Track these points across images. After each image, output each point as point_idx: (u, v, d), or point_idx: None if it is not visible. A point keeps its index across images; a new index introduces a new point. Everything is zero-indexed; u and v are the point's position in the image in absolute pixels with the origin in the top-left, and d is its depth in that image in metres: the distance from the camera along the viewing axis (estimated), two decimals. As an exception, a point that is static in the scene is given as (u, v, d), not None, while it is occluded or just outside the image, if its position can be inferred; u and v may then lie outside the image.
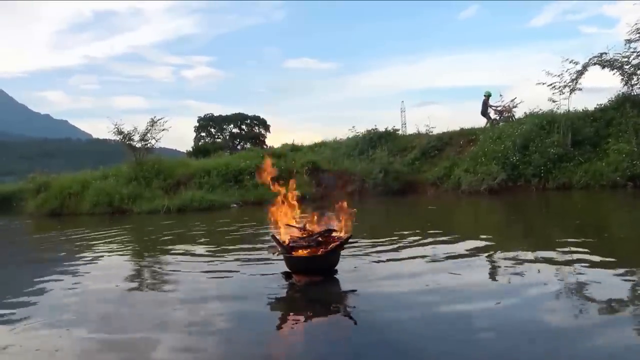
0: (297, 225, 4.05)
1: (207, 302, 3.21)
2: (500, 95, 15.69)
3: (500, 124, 14.98)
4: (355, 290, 3.25)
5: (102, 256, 5.58)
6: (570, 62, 12.62)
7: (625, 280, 3.18)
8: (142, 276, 4.46)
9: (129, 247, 6.56)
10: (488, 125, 15.35)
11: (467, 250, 4.45)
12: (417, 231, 6.01)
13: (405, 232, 5.86)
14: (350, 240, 3.76)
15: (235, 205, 13.24)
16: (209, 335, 2.52)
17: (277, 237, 3.77)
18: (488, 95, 15.42)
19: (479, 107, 15.77)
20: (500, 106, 15.36)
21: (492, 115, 15.50)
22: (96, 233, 8.57)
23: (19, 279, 4.73)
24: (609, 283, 3.06)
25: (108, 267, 4.90)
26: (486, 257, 4.35)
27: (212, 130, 43.65)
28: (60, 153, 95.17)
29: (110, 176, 15.46)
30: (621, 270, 3.39)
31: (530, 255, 4.16)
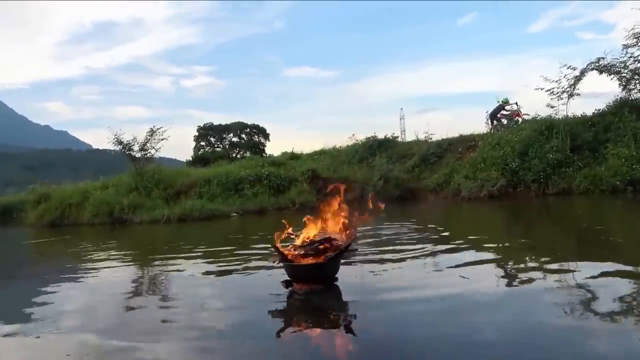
0: (298, 234, 4.04)
1: (207, 310, 3.21)
2: (499, 101, 15.83)
3: (501, 129, 15.05)
4: (356, 299, 3.24)
5: (103, 265, 5.57)
6: (568, 68, 12.73)
7: (631, 284, 3.17)
8: (142, 285, 4.46)
9: (129, 257, 6.54)
10: (495, 124, 15.40)
11: (469, 257, 4.44)
12: (419, 238, 6.01)
13: (406, 240, 5.86)
14: (350, 248, 3.75)
15: (235, 214, 13.24)
16: (209, 344, 2.51)
17: (277, 245, 3.77)
18: (505, 102, 15.46)
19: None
20: (509, 112, 15.45)
21: (504, 120, 15.55)
22: (97, 243, 8.56)
23: (22, 290, 4.72)
24: (614, 287, 3.04)
25: (109, 276, 4.89)
26: (489, 263, 4.34)
27: (212, 139, 43.70)
28: (61, 163, 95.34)
29: (110, 186, 15.50)
30: (625, 274, 3.39)
31: (533, 260, 4.16)
